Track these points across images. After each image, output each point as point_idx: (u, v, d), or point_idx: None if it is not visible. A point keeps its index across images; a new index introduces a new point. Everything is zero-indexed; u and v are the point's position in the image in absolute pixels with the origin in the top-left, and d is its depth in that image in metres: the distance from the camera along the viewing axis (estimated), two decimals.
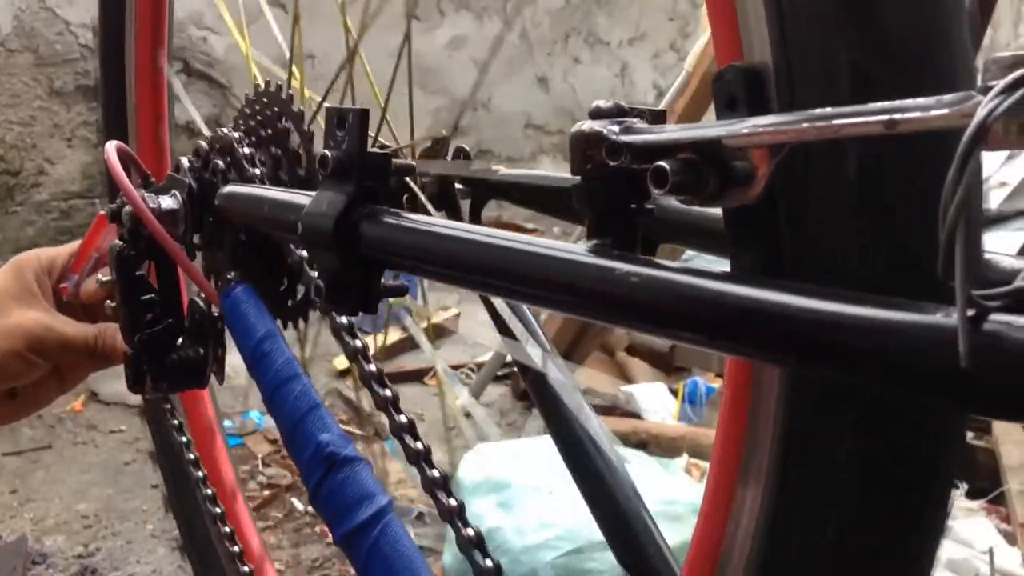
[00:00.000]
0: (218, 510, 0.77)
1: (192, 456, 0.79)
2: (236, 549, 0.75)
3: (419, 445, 0.48)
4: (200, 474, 0.79)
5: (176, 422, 0.80)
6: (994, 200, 2.22)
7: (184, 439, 0.80)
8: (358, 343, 0.53)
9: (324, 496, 0.47)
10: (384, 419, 0.51)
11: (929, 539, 0.37)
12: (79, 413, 2.28)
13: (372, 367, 0.52)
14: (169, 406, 0.81)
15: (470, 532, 0.44)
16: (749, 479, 0.39)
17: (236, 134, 0.63)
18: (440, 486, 0.46)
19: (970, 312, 0.25)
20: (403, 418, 0.49)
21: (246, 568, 0.74)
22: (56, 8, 2.83)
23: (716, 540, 0.42)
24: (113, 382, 2.32)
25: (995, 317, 0.25)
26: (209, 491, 0.78)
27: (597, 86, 4.17)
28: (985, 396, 0.26)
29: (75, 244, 0.79)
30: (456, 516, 0.45)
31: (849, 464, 0.35)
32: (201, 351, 0.69)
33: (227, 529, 0.77)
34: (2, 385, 0.75)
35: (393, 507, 0.45)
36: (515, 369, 1.86)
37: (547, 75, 4.04)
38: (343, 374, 2.45)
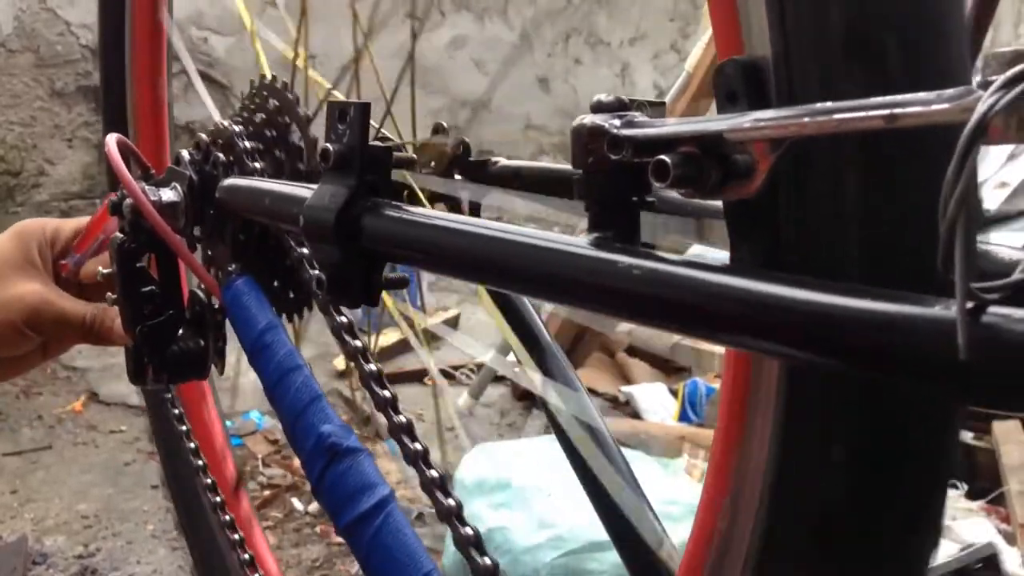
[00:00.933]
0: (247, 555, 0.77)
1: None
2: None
3: (417, 446, 0.48)
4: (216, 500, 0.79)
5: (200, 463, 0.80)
6: (995, 200, 2.22)
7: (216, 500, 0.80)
8: (357, 343, 0.53)
9: (326, 486, 0.47)
10: (383, 420, 0.51)
11: (927, 530, 0.37)
12: (79, 414, 2.28)
13: (372, 367, 0.52)
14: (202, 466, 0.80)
15: (468, 531, 0.44)
16: (747, 473, 0.39)
17: (237, 127, 0.63)
18: (438, 486, 0.46)
19: (969, 304, 0.25)
20: (402, 418, 0.49)
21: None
22: (57, 9, 2.83)
23: (712, 538, 0.42)
24: (113, 383, 2.32)
25: (994, 309, 0.25)
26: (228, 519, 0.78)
27: (598, 86, 4.17)
28: (984, 387, 0.26)
29: (82, 220, 0.78)
30: (455, 516, 0.45)
31: (848, 452, 0.35)
32: (202, 342, 0.69)
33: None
34: None
35: (395, 497, 0.45)
36: (516, 369, 1.86)
37: (547, 76, 4.04)
38: (343, 375, 2.45)
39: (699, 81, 2.08)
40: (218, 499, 0.78)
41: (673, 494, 1.53)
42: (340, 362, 2.53)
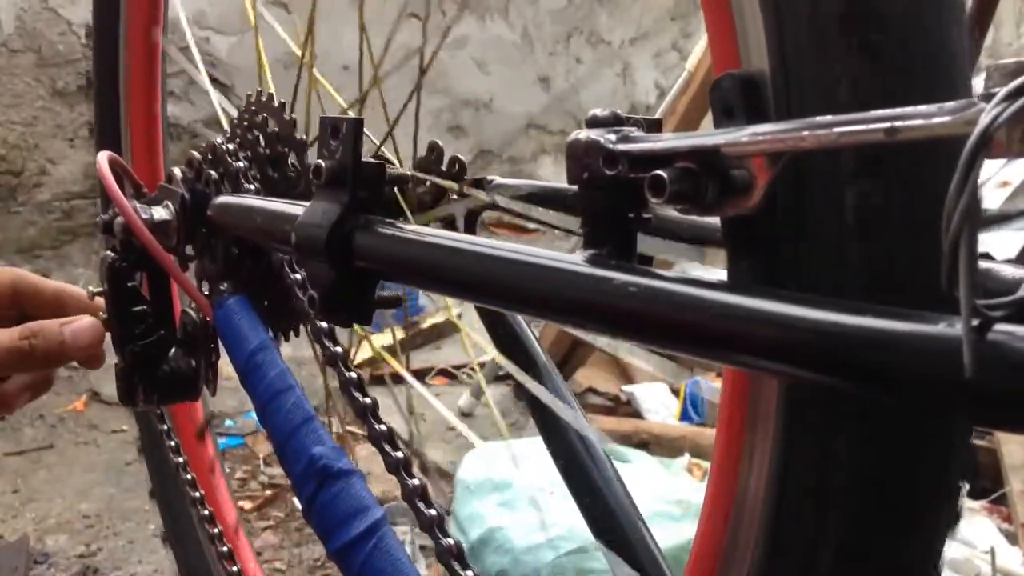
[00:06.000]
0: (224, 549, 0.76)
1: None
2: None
3: (399, 454, 0.47)
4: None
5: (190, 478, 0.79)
6: (996, 200, 2.21)
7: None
8: (338, 349, 0.53)
9: (317, 510, 0.47)
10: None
11: (933, 541, 0.36)
12: (81, 413, 2.28)
13: (352, 374, 0.52)
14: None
15: (449, 542, 0.44)
16: (748, 487, 0.39)
17: (230, 145, 0.63)
18: (419, 496, 0.45)
19: (975, 322, 0.25)
20: (382, 427, 0.49)
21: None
22: (59, 8, 2.83)
23: (717, 545, 0.42)
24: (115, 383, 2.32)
25: (999, 327, 0.25)
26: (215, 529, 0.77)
27: (599, 86, 4.16)
28: (990, 406, 0.25)
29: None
30: (436, 526, 0.44)
31: (848, 469, 0.35)
32: (193, 363, 0.69)
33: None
34: None
35: (387, 520, 0.45)
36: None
37: (549, 75, 4.03)
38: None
39: (700, 80, 2.07)
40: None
41: (675, 494, 1.53)
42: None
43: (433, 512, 0.45)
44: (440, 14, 3.57)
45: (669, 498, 1.51)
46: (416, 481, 0.45)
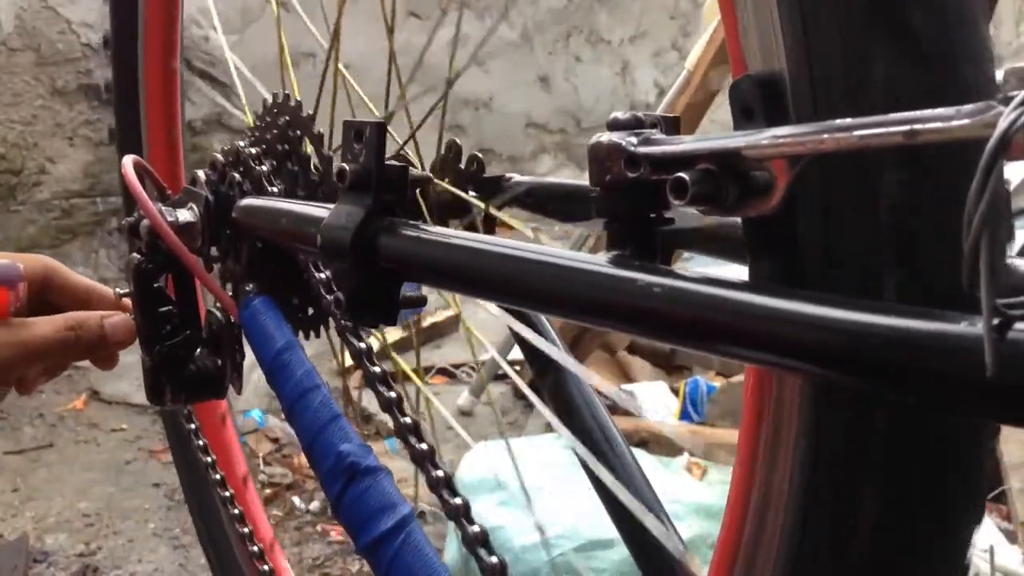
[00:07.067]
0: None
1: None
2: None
3: (423, 446, 0.48)
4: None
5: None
6: None
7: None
8: (362, 345, 0.53)
9: (346, 506, 0.47)
10: (387, 418, 0.51)
11: (957, 546, 0.37)
12: (81, 412, 2.27)
13: (377, 369, 0.53)
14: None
15: (475, 529, 0.44)
16: (772, 487, 0.39)
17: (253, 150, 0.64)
18: (445, 485, 0.46)
19: (995, 321, 0.25)
20: (407, 419, 0.49)
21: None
22: (58, 7, 2.82)
23: (739, 550, 0.42)
24: (115, 381, 2.32)
25: (1020, 326, 0.25)
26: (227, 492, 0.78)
27: (599, 85, 4.16)
28: (1011, 404, 0.26)
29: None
30: (462, 515, 0.45)
31: (874, 471, 0.35)
32: (219, 362, 0.69)
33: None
34: None
35: (415, 517, 0.45)
36: (516, 368, 1.85)
37: (548, 74, 4.03)
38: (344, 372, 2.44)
39: (700, 80, 2.08)
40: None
41: (674, 493, 1.54)
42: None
43: (459, 501, 0.45)
44: (440, 13, 3.57)
45: (669, 497, 1.51)
46: (441, 473, 0.46)
